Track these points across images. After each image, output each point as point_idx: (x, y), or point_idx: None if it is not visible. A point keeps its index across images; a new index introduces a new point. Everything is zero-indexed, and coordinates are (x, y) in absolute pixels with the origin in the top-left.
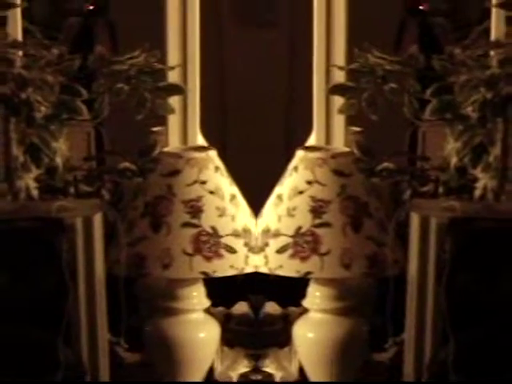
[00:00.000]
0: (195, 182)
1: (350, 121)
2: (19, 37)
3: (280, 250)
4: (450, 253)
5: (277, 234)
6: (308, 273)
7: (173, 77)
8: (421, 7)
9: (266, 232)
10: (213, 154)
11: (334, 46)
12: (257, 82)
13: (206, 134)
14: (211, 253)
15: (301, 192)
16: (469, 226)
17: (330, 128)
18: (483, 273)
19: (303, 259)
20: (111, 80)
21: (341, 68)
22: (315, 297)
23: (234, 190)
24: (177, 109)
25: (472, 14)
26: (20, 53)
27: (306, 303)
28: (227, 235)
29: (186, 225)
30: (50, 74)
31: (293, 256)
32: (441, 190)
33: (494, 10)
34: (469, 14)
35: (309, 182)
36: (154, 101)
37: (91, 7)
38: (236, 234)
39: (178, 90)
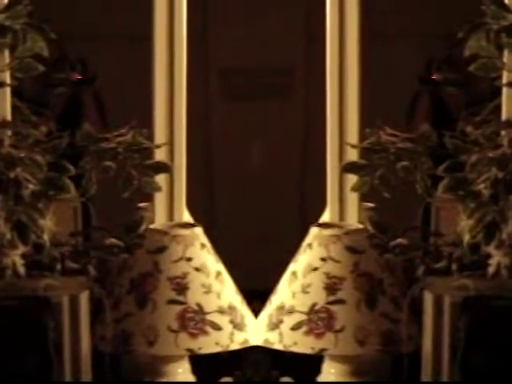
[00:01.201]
0: (181, 258)
1: (364, 197)
2: (8, 115)
3: (295, 327)
4: (465, 331)
5: (291, 311)
6: (323, 350)
7: (160, 154)
8: (433, 77)
9: (281, 309)
10: (199, 231)
11: (346, 124)
12: (267, 157)
13: (193, 210)
14: (197, 330)
15: (315, 269)
16: (483, 304)
17: (343, 204)
18: (498, 351)
19: (318, 336)
20: (99, 157)
21: (353, 146)
22: (330, 373)
23: (220, 267)
24: (163, 186)
25: (483, 90)
26: (9, 132)
27: (320, 379)
28: (213, 312)
29: (172, 302)
30: (38, 153)
31: (307, 333)
32: (454, 266)
33: (504, 90)
34: (480, 90)
35: (323, 259)
36: (141, 178)
37: (79, 77)
38: (221, 311)
39: (165, 168)
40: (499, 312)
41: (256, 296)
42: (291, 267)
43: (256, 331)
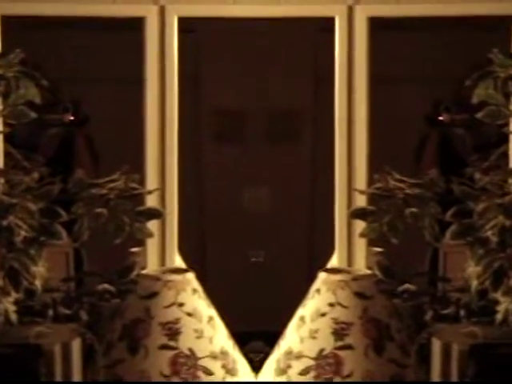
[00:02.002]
0: (173, 304)
1: (372, 241)
2: (0, 162)
3: (303, 372)
4: (472, 378)
5: (299, 356)
6: None
7: (152, 200)
8: (441, 118)
9: (289, 354)
10: (190, 276)
11: (355, 170)
12: (271, 202)
13: (185, 255)
14: (189, 375)
15: (323, 314)
16: (490, 351)
17: (351, 249)
18: None
19: (326, 381)
20: (90, 204)
21: (362, 192)
22: None
23: (212, 311)
24: (155, 231)
25: (491, 131)
26: (1, 179)
27: None
28: (205, 357)
29: (164, 347)
30: (30, 201)
31: (316, 378)
32: (462, 312)
33: (511, 137)
34: (487, 131)
35: (331, 305)
36: (133, 225)
37: (72, 118)
38: (214, 356)
39: (157, 214)
40: (507, 359)
41: (257, 338)
42: (299, 312)
43: (247, 376)
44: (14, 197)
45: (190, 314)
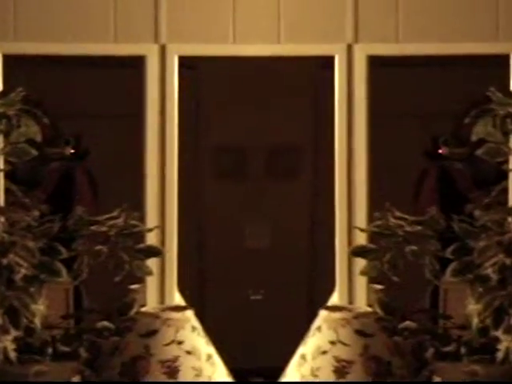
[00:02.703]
0: (172, 341)
1: (372, 278)
2: (1, 200)
3: None
4: None
5: None
6: None
7: (151, 237)
8: (440, 151)
9: None
10: (190, 313)
11: (355, 207)
12: (271, 238)
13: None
14: None
15: (324, 352)
16: None
17: (352, 286)
18: None
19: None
20: (90, 241)
21: (362, 230)
22: None
23: (211, 349)
24: (155, 269)
25: (490, 171)
26: (1, 217)
27: None
28: None
29: None
30: (30, 240)
31: None
32: (463, 350)
33: (510, 175)
34: (486, 170)
35: (332, 342)
36: (132, 262)
37: (72, 151)
38: None
39: (157, 252)
40: None
41: (257, 375)
42: (300, 350)
43: None
44: (14, 235)
45: (189, 352)
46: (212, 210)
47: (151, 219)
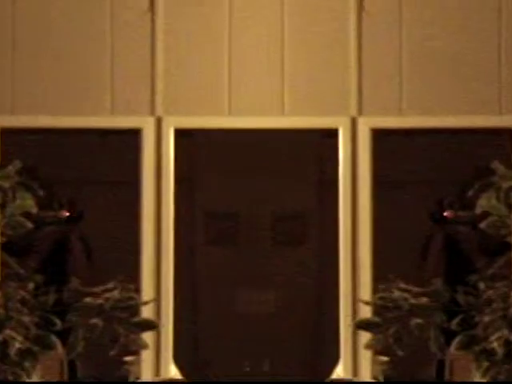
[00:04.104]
0: None
1: (377, 350)
2: None
3: None
4: None
5: None
6: None
7: (147, 310)
8: (445, 214)
9: None
10: None
11: (359, 279)
12: (273, 306)
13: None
14: None
15: None
16: None
17: (356, 359)
18: None
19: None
20: (85, 313)
21: (366, 303)
22: None
23: None
24: (150, 341)
25: (492, 245)
26: None
27: None
28: None
29: None
30: (26, 314)
31: None
32: None
33: None
34: (490, 243)
35: None
36: (128, 335)
37: (67, 213)
38: None
39: (152, 326)
40: None
41: None
42: None
43: None
44: (9, 310)
45: None
46: (207, 276)
47: (147, 291)
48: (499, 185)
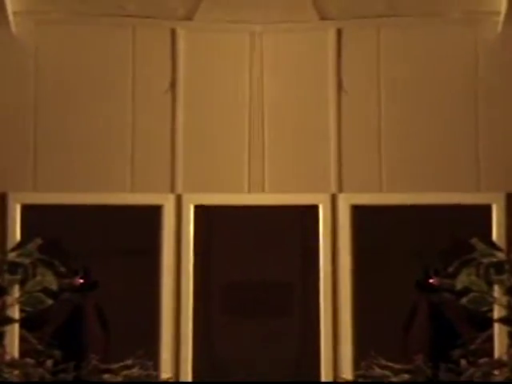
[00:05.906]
0: None
1: None
2: (16, 352)
3: None
4: None
5: None
6: None
7: None
8: (431, 280)
9: None
10: None
11: (340, 355)
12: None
13: None
14: None
15: None
16: None
17: None
18: None
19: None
20: None
21: (347, 382)
22: None
23: None
24: None
25: (475, 319)
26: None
27: None
28: None
29: None
30: None
31: None
32: None
33: (496, 326)
34: (473, 317)
35: None
36: None
37: (81, 281)
38: None
39: None
40: None
41: None
42: None
43: None
44: None
45: None
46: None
47: (165, 367)
48: (479, 261)
